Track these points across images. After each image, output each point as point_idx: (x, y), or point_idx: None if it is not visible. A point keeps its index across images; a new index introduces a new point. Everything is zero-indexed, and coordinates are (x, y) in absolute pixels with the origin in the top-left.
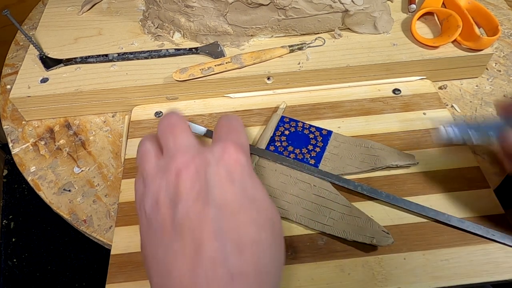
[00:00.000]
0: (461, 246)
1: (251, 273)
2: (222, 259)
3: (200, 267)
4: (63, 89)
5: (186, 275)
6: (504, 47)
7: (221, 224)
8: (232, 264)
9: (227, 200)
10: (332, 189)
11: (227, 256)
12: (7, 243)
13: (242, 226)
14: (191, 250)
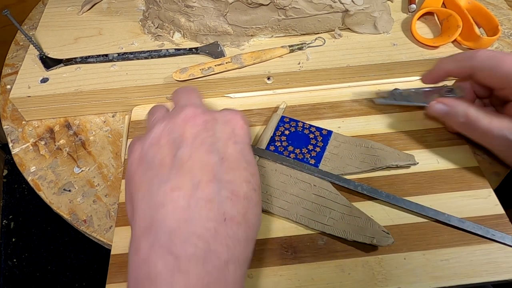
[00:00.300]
0: (461, 246)
1: (241, 221)
2: (217, 202)
3: (195, 204)
4: (63, 89)
5: (180, 209)
6: (504, 47)
7: (220, 173)
8: (225, 209)
9: (229, 155)
10: (332, 189)
11: (222, 201)
12: (7, 243)
13: (237, 181)
14: (188, 187)
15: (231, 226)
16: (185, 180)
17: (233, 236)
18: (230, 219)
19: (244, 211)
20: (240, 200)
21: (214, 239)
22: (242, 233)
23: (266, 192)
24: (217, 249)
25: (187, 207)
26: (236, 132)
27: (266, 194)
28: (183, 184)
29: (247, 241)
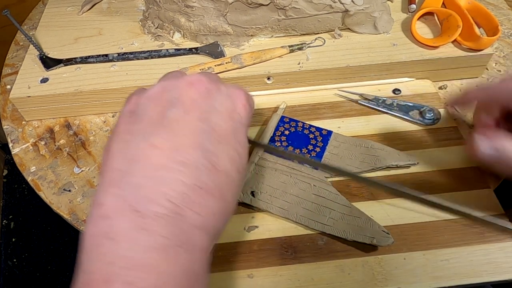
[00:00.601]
0: (461, 246)
1: (216, 194)
2: (194, 168)
3: (171, 166)
4: (63, 89)
5: (154, 167)
6: (504, 47)
7: (206, 143)
8: (201, 178)
9: (220, 128)
10: (332, 189)
11: (200, 169)
12: (7, 243)
13: (221, 155)
14: (168, 148)
15: (205, 196)
16: (167, 140)
17: (206, 206)
18: (205, 189)
19: (222, 186)
20: (220, 174)
21: (185, 204)
22: (216, 206)
23: (266, 192)
24: (187, 214)
25: (161, 167)
26: (236, 109)
27: (266, 194)
28: (164, 143)
29: (221, 215)
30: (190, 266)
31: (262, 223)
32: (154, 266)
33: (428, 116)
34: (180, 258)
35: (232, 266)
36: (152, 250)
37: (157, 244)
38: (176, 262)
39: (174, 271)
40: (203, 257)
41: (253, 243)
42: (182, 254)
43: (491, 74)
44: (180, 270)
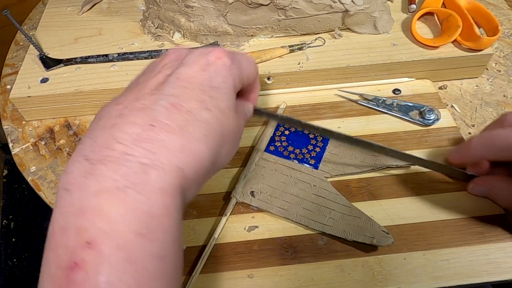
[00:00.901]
0: (461, 246)
1: (175, 131)
2: (149, 110)
3: (126, 113)
4: (63, 89)
5: (110, 118)
6: (504, 47)
7: (167, 88)
8: (157, 116)
9: (186, 75)
10: (332, 189)
11: (156, 109)
12: (7, 243)
13: (184, 97)
14: (130, 101)
15: (159, 132)
16: (129, 96)
17: (158, 141)
18: (160, 126)
19: (183, 123)
20: (181, 112)
21: (134, 142)
22: (174, 141)
23: (266, 192)
24: (136, 153)
25: (118, 116)
26: (209, 62)
27: (266, 194)
28: (127, 98)
29: (183, 151)
30: (143, 207)
31: (262, 223)
32: (103, 210)
33: (428, 116)
34: (130, 200)
35: (232, 266)
36: (101, 194)
37: (106, 187)
38: (126, 204)
39: (124, 213)
40: (163, 198)
41: (253, 243)
42: (133, 195)
43: (491, 74)
44: (132, 212)
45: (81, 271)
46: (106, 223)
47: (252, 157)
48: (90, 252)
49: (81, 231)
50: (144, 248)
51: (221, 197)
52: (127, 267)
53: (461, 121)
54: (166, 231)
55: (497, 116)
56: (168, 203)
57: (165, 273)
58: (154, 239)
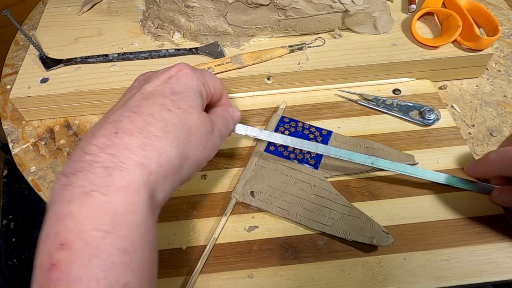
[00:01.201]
0: (461, 246)
1: (134, 133)
2: (115, 121)
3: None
4: (63, 89)
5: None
6: (504, 47)
7: (132, 102)
8: (120, 125)
9: (149, 89)
10: (332, 189)
11: (120, 120)
12: (7, 243)
13: (146, 105)
14: (106, 117)
15: (121, 137)
16: (104, 116)
17: (120, 144)
18: (122, 131)
19: (143, 125)
20: (142, 116)
21: (100, 151)
22: (134, 141)
23: (266, 192)
24: (100, 160)
25: (90, 134)
26: (172, 75)
27: (266, 194)
28: (101, 120)
29: (142, 147)
30: (108, 206)
31: (262, 223)
32: (74, 214)
33: (428, 116)
34: (96, 201)
35: (232, 266)
36: (72, 200)
37: (76, 194)
38: (92, 205)
39: (90, 213)
40: (126, 196)
41: (253, 243)
42: (98, 197)
43: (491, 74)
44: (97, 212)
45: (56, 270)
46: (75, 225)
47: (252, 157)
48: (63, 252)
49: (57, 235)
50: (109, 243)
51: (221, 197)
52: (94, 262)
53: (461, 121)
54: (132, 227)
55: (497, 116)
56: (133, 200)
57: (133, 265)
58: (120, 235)
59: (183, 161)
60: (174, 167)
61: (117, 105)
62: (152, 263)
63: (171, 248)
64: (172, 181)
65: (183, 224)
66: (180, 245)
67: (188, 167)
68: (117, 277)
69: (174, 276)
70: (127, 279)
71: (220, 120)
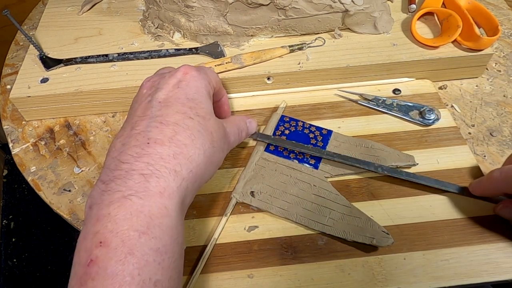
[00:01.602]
0: (461, 246)
1: (165, 142)
2: (144, 132)
3: (127, 140)
4: (63, 89)
5: (116, 150)
6: (504, 47)
7: (154, 111)
8: (150, 135)
9: (166, 98)
10: (332, 189)
11: (149, 130)
12: (7, 243)
13: (169, 113)
14: (127, 130)
15: (154, 147)
16: (127, 126)
17: (154, 154)
18: (154, 141)
19: (172, 134)
20: (169, 126)
21: (135, 160)
22: (166, 150)
23: (266, 192)
24: (136, 168)
25: (121, 145)
26: (180, 79)
27: (266, 194)
28: (125, 130)
29: (174, 156)
30: (144, 210)
31: (262, 223)
32: (112, 215)
33: (428, 116)
34: (134, 204)
35: (232, 266)
36: (111, 204)
37: (115, 198)
38: (129, 208)
39: (128, 215)
40: (161, 200)
41: (253, 243)
42: (136, 200)
43: (491, 74)
44: (135, 214)
45: (94, 265)
46: (113, 225)
47: (252, 157)
48: (101, 249)
49: (96, 234)
50: (144, 243)
51: (221, 197)
52: (130, 259)
53: (461, 121)
54: (165, 229)
55: (497, 116)
56: (167, 204)
57: (164, 265)
58: (154, 236)
59: (209, 166)
60: (202, 172)
61: (137, 114)
62: (180, 263)
63: None
64: (199, 185)
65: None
66: None
67: (211, 170)
68: (150, 274)
69: None
70: (158, 277)
71: (233, 127)
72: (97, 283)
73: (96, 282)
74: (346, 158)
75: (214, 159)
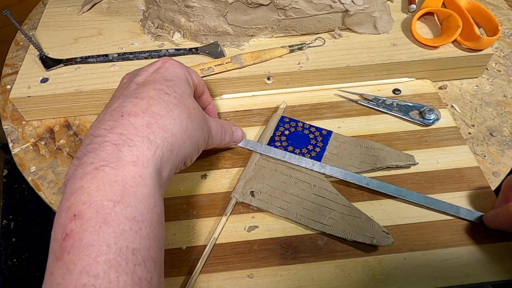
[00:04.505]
0: (461, 246)
1: (139, 113)
2: (118, 108)
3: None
4: (63, 89)
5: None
6: (504, 47)
7: (130, 92)
8: (124, 109)
9: (143, 81)
10: (332, 189)
11: (123, 106)
12: (7, 243)
13: (144, 90)
14: (104, 112)
15: (127, 118)
16: (105, 108)
17: (127, 124)
18: (127, 113)
19: (146, 107)
20: (144, 100)
21: (109, 132)
22: (139, 121)
23: (266, 192)
24: (109, 139)
25: (96, 122)
26: (159, 66)
27: (266, 194)
28: (103, 110)
29: (148, 125)
30: (117, 179)
31: (262, 223)
32: (85, 188)
33: (428, 116)
34: (106, 175)
35: (232, 266)
36: (84, 176)
37: (87, 171)
38: (102, 179)
39: (101, 186)
40: (134, 169)
41: (253, 243)
42: (108, 171)
43: (491, 74)
44: (108, 184)
45: (69, 238)
46: (87, 197)
47: (252, 157)
48: (76, 222)
49: (70, 208)
50: (119, 212)
51: (221, 197)
52: (105, 229)
53: (461, 121)
54: (140, 197)
55: (497, 116)
56: (141, 173)
57: (141, 233)
58: (129, 204)
59: (186, 138)
60: (179, 143)
61: (115, 97)
62: (160, 233)
63: (171, 248)
64: (176, 158)
65: (183, 224)
66: (180, 245)
67: (190, 146)
68: (127, 243)
69: (174, 276)
70: (136, 245)
71: (216, 123)
72: (72, 255)
73: (72, 255)
74: (346, 175)
75: (192, 134)
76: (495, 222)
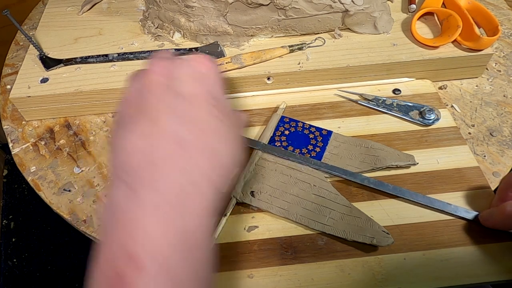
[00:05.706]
0: (461, 246)
1: (198, 145)
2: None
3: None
4: (63, 89)
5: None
6: (504, 47)
7: (175, 106)
8: (181, 136)
9: (185, 92)
10: (332, 189)
11: (178, 135)
12: (7, 243)
13: (196, 112)
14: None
15: (187, 150)
16: (144, 120)
17: (189, 158)
18: (187, 141)
19: (202, 137)
20: (197, 126)
21: (166, 164)
22: (200, 156)
23: (266, 192)
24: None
25: (144, 141)
26: (198, 70)
27: (266, 194)
28: (142, 124)
29: (211, 164)
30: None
31: (262, 223)
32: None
33: (428, 116)
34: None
35: (232, 266)
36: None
37: (147, 208)
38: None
39: (161, 228)
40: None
41: (253, 243)
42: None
43: (491, 74)
44: (171, 229)
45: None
46: (147, 240)
47: (252, 157)
48: (131, 265)
49: (124, 247)
50: (183, 265)
51: None
52: (168, 284)
53: (461, 121)
54: (203, 248)
55: (497, 116)
56: (205, 223)
57: (200, 285)
58: (191, 257)
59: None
60: (230, 176)
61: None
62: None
63: None
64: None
65: None
66: None
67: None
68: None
69: None
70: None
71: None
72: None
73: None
74: (345, 172)
75: (240, 159)
76: (490, 221)
